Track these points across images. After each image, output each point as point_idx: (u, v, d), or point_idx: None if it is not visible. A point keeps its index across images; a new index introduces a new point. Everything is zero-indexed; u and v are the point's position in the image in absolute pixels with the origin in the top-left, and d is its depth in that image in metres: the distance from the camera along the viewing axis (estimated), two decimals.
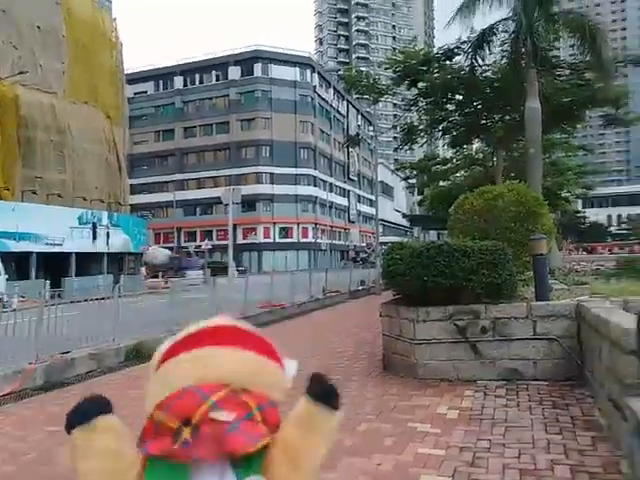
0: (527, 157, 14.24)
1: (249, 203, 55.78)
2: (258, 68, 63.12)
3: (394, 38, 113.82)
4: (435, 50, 18.42)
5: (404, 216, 66.52)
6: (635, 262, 10.88)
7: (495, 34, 14.65)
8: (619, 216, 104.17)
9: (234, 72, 63.73)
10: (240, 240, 57.19)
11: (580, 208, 73.22)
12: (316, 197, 64.67)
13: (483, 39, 14.69)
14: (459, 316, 6.48)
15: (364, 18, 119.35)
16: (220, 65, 64.18)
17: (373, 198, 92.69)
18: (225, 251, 25.24)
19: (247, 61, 63.13)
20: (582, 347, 5.85)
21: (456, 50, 16.56)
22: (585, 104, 16.86)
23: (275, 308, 15.13)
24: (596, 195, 71.78)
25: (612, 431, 4.17)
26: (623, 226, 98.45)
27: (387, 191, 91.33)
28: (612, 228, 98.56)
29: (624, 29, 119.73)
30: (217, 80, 65.12)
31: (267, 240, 60.26)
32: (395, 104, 64.49)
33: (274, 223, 61.05)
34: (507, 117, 18.80)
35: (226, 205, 10.07)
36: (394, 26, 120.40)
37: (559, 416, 4.79)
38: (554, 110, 15.38)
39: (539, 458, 3.85)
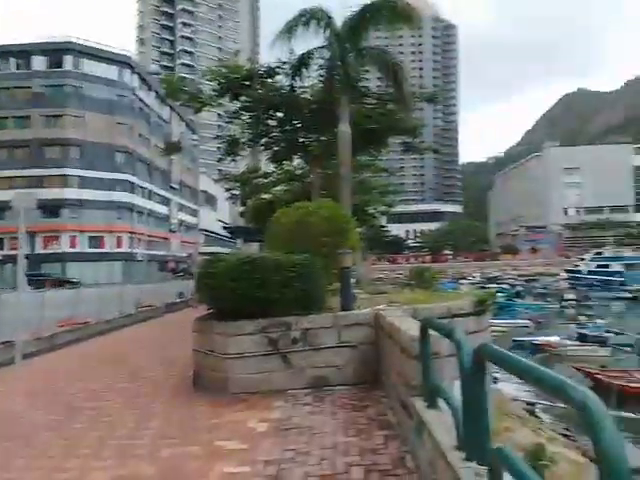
0: (339, 176, 15.32)
1: (53, 209, 49.85)
2: (69, 61, 57.13)
3: (220, 49, 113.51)
4: (258, 67, 18.76)
5: (225, 227, 66.02)
6: (424, 272, 12.41)
7: (312, 59, 15.53)
8: (415, 231, 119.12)
9: (39, 62, 56.69)
10: (40, 250, 50.70)
11: (384, 223, 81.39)
12: (133, 204, 60.68)
13: (302, 62, 15.45)
14: (271, 329, 6.59)
15: (190, 25, 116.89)
16: (21, 53, 56.47)
17: (196, 207, 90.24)
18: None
19: (56, 52, 56.61)
20: (379, 352, 6.41)
21: (277, 69, 17.10)
22: (388, 132, 18.82)
23: (79, 326, 13.67)
24: (397, 212, 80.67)
25: (401, 428, 4.60)
26: (417, 239, 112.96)
27: (211, 201, 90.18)
28: (409, 241, 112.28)
29: (421, 69, 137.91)
30: (17, 69, 57.21)
31: (74, 250, 54.47)
32: (220, 115, 64.11)
33: (83, 231, 55.53)
34: (323, 137, 19.98)
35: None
36: (220, 37, 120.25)
37: (357, 418, 5.14)
38: (362, 135, 16.84)
39: (338, 462, 4.06)
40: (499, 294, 43.02)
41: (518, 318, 34.49)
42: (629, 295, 50.65)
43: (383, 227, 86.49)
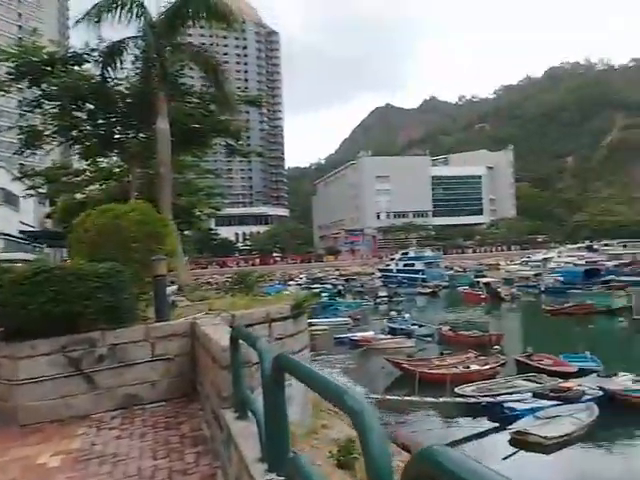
0: (159, 176, 14.51)
1: None
2: None
3: (20, 27, 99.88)
4: (62, 51, 16.86)
5: (21, 232, 56.98)
6: (247, 276, 12.37)
7: (126, 49, 14.44)
8: (244, 234, 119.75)
9: None
10: None
11: (213, 226, 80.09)
12: None
13: (114, 51, 14.27)
14: (73, 347, 5.88)
15: None
16: None
17: None
18: None
19: None
20: (196, 364, 6.14)
21: (86, 56, 15.56)
22: (210, 132, 18.44)
23: None
24: (226, 215, 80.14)
25: (214, 443, 4.43)
26: (247, 242, 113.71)
27: (11, 200, 78.60)
28: (239, 244, 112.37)
29: (246, 72, 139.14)
30: None
31: None
32: (21, 101, 56.17)
33: None
34: (142, 135, 18.80)
35: None
36: (20, 14, 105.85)
37: (170, 437, 4.84)
38: (184, 134, 16.22)
39: None
40: (323, 294, 45.48)
41: (339, 316, 36.77)
42: (429, 290, 57.61)
43: (212, 230, 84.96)
